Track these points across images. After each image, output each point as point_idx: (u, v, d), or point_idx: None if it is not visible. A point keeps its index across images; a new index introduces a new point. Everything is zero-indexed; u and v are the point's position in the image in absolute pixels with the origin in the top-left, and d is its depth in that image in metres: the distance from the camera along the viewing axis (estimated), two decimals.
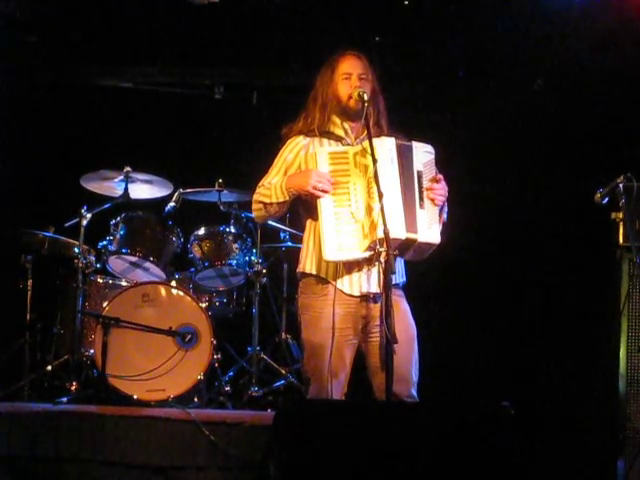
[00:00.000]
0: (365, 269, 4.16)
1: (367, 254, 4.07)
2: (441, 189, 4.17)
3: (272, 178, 4.30)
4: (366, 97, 4.18)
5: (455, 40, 6.34)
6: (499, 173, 6.25)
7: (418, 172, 4.14)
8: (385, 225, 3.94)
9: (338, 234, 4.08)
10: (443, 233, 4.20)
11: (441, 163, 4.29)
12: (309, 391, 4.27)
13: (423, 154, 4.19)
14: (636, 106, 5.89)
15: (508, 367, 6.03)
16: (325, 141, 4.30)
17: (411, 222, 4.08)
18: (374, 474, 3.53)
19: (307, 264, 4.24)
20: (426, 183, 4.15)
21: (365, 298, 4.19)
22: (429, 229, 4.13)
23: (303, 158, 4.27)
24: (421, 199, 4.12)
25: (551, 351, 6.00)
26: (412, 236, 4.09)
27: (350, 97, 4.25)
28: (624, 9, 5.87)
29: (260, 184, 4.31)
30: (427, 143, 4.22)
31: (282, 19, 6.30)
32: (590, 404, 5.34)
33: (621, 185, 4.83)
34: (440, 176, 4.21)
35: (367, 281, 4.16)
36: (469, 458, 3.55)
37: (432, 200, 4.15)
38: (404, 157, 4.13)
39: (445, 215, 4.26)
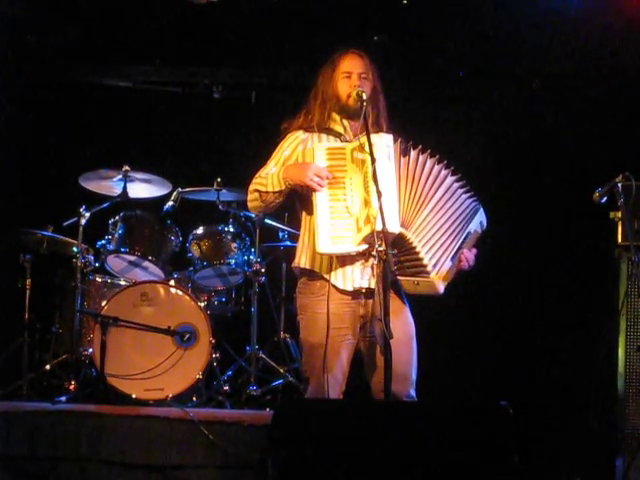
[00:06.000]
0: (359, 263, 4.17)
1: (360, 248, 4.08)
2: (472, 260, 4.25)
3: (269, 169, 4.31)
4: (365, 96, 4.19)
5: (455, 40, 6.34)
6: (498, 172, 6.25)
7: (469, 232, 4.23)
8: (384, 223, 3.94)
9: (332, 227, 4.09)
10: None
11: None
12: (307, 390, 4.28)
13: (479, 223, 4.28)
14: (635, 105, 5.89)
15: (506, 366, 6.03)
16: (324, 137, 4.31)
17: (441, 262, 4.14)
18: (372, 473, 3.53)
19: (302, 258, 4.26)
20: (464, 246, 4.23)
21: (359, 294, 4.19)
22: (443, 280, 4.17)
23: (301, 153, 4.28)
24: (456, 253, 4.19)
25: (550, 350, 6.00)
26: (412, 239, 4.10)
27: (349, 96, 4.26)
28: (624, 9, 5.87)
29: (257, 175, 4.32)
30: (485, 216, 4.31)
31: (281, 18, 6.31)
32: (589, 403, 5.34)
33: (620, 184, 4.83)
34: (475, 251, 4.28)
35: (360, 276, 4.17)
36: (468, 457, 3.55)
37: (460, 261, 4.21)
38: (468, 215, 4.22)
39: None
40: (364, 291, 4.19)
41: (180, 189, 6.05)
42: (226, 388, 5.81)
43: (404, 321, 4.23)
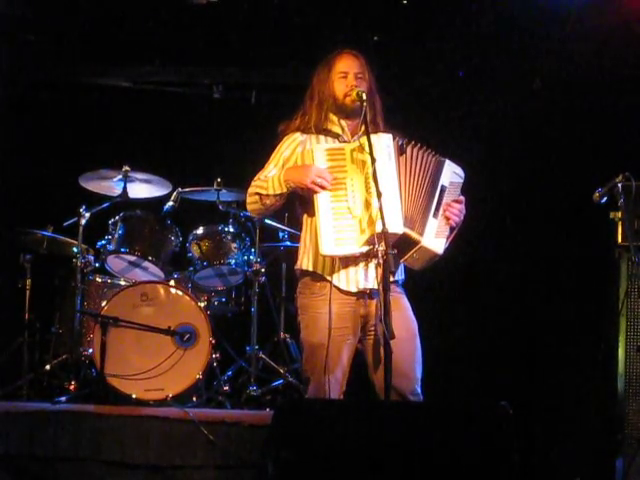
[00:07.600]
0: (362, 265, 4.17)
1: (364, 249, 4.08)
2: (458, 211, 4.22)
3: (269, 172, 4.30)
4: (364, 97, 4.18)
5: (455, 40, 6.34)
6: (498, 172, 6.25)
7: (442, 186, 4.19)
8: (384, 224, 3.93)
9: (335, 229, 4.08)
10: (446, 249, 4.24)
11: None
12: (308, 390, 4.28)
13: (452, 174, 4.24)
14: (635, 105, 5.89)
15: (506, 366, 6.03)
16: (322, 138, 4.30)
17: (420, 224, 4.12)
18: (372, 473, 3.53)
19: (304, 261, 4.25)
20: (447, 200, 4.20)
21: (362, 295, 4.19)
22: (435, 238, 4.16)
23: (300, 154, 4.27)
24: (437, 210, 4.16)
25: (550, 350, 6.00)
26: (411, 233, 4.10)
27: (346, 95, 4.26)
28: (624, 9, 5.87)
29: (256, 178, 4.32)
30: (459, 166, 4.28)
31: (281, 18, 6.31)
32: (589, 403, 5.34)
33: (620, 184, 4.83)
34: (462, 198, 4.27)
35: (364, 277, 4.17)
36: (468, 457, 3.55)
37: (447, 218, 4.19)
38: (429, 168, 4.17)
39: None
40: (368, 292, 4.19)
41: (180, 189, 6.05)
42: (226, 388, 5.80)
43: (406, 319, 4.23)
